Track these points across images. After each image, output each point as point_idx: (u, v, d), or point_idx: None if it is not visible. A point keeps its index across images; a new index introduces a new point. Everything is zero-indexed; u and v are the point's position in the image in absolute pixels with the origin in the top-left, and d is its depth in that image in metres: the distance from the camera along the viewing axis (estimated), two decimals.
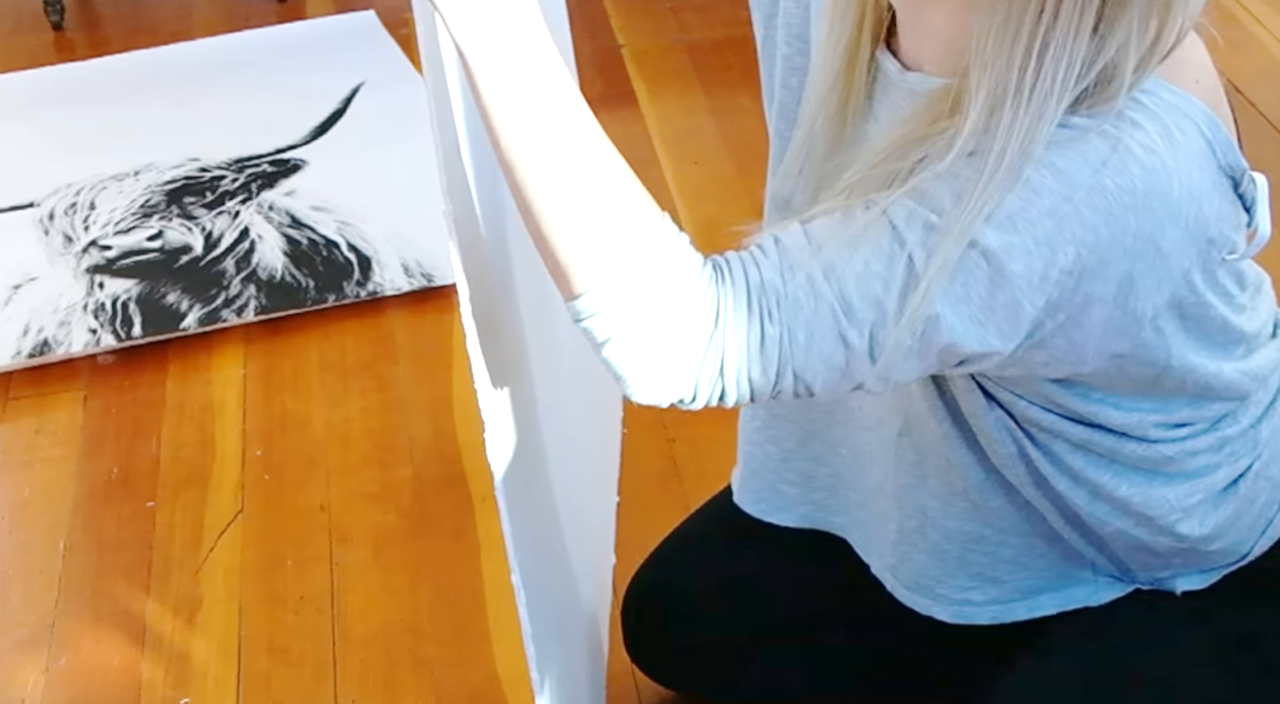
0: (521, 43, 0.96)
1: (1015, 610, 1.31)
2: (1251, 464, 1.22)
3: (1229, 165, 1.04)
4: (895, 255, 0.99)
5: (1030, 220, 0.99)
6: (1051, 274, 1.00)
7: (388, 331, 2.26)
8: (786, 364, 1.01)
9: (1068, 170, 0.98)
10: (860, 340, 1.00)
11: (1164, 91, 1.01)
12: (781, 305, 1.00)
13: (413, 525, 1.93)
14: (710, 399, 1.03)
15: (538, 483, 1.31)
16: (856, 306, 1.00)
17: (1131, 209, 0.99)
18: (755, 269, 1.01)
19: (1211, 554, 1.24)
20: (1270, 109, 2.50)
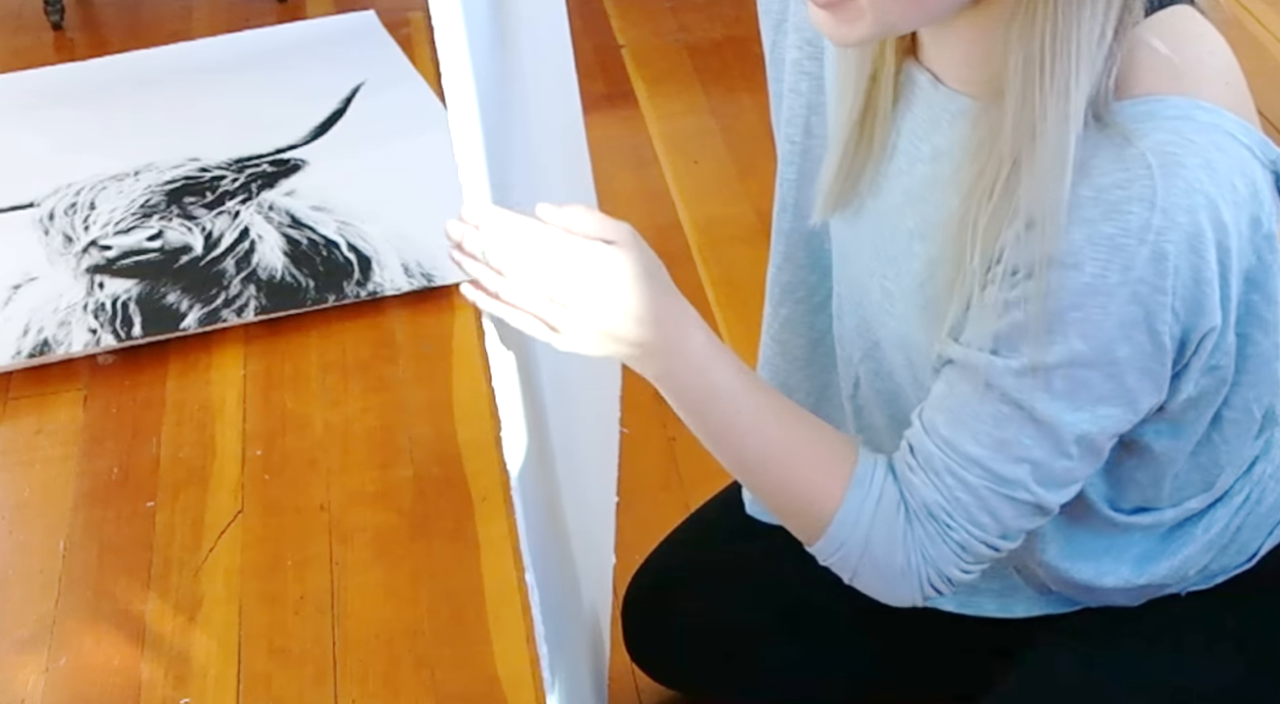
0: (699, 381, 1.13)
1: (1021, 604, 1.31)
2: (1265, 468, 1.22)
3: (1271, 161, 1.05)
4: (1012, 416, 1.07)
5: (1109, 314, 1.01)
6: (1163, 342, 1.03)
7: (388, 332, 2.26)
8: (992, 542, 1.12)
9: (1120, 254, 1.00)
10: (1029, 493, 1.09)
11: (1197, 112, 1.01)
12: (952, 513, 1.10)
13: (413, 525, 1.93)
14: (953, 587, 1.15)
15: (547, 483, 1.31)
16: (1007, 475, 1.08)
17: (1194, 249, 1.00)
18: (916, 492, 1.11)
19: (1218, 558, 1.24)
20: (1270, 109, 2.51)
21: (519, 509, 1.12)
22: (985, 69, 1.04)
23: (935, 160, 1.12)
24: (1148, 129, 1.00)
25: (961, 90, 1.10)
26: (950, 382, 1.09)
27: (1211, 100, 1.02)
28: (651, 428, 2.02)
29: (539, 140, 1.48)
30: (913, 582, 1.13)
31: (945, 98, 1.11)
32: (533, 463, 1.19)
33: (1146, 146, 0.99)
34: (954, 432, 1.09)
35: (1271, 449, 1.22)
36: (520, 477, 1.13)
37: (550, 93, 1.64)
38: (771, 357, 1.41)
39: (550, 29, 1.67)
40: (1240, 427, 1.16)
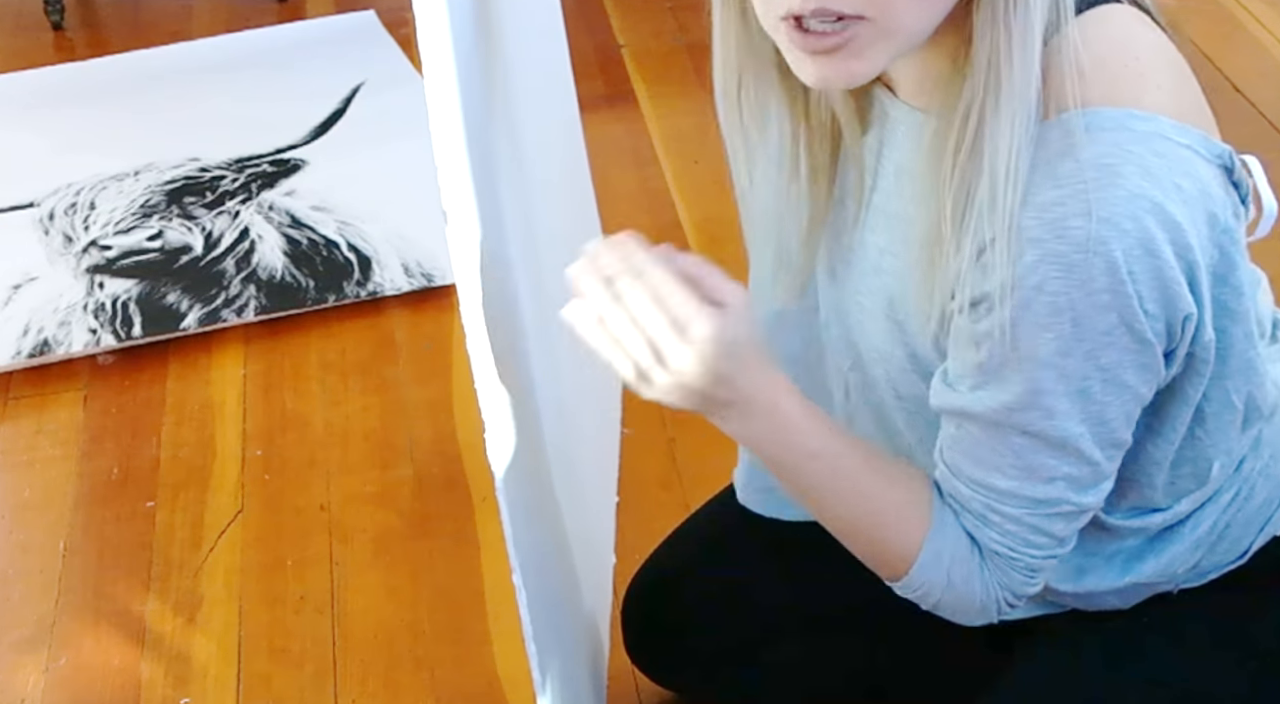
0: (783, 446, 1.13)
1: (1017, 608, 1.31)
2: (1254, 465, 1.22)
3: (1215, 155, 1.04)
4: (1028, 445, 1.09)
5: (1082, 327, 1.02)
6: (1147, 338, 1.04)
7: (388, 331, 2.26)
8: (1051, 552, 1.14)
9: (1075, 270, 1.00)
10: (1070, 504, 1.11)
11: (1132, 121, 1.01)
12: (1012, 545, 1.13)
13: (413, 525, 1.93)
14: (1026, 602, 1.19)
15: (539, 483, 1.31)
16: (1043, 497, 1.11)
17: (1148, 252, 1.00)
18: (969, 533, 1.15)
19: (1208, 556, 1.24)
20: (1270, 109, 2.50)
21: (504, 511, 1.12)
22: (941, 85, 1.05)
23: (897, 176, 1.14)
24: (1084, 142, 1.00)
25: (916, 103, 1.10)
26: (958, 424, 1.11)
27: (1145, 104, 1.02)
28: (651, 428, 2.02)
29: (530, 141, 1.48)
30: (990, 608, 1.16)
31: (903, 112, 1.12)
32: (520, 464, 1.19)
33: (1083, 161, 1.00)
34: (980, 470, 1.11)
35: (1260, 446, 1.22)
36: (506, 478, 1.13)
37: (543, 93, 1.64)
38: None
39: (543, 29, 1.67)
40: (1222, 419, 1.16)
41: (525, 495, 1.22)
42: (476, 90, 1.17)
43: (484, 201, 1.15)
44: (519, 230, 1.33)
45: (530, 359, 1.31)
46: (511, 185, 1.32)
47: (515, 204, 1.33)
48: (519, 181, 1.38)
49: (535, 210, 1.46)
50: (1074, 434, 1.07)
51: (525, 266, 1.34)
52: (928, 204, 1.06)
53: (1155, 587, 1.25)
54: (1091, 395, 1.05)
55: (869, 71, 1.03)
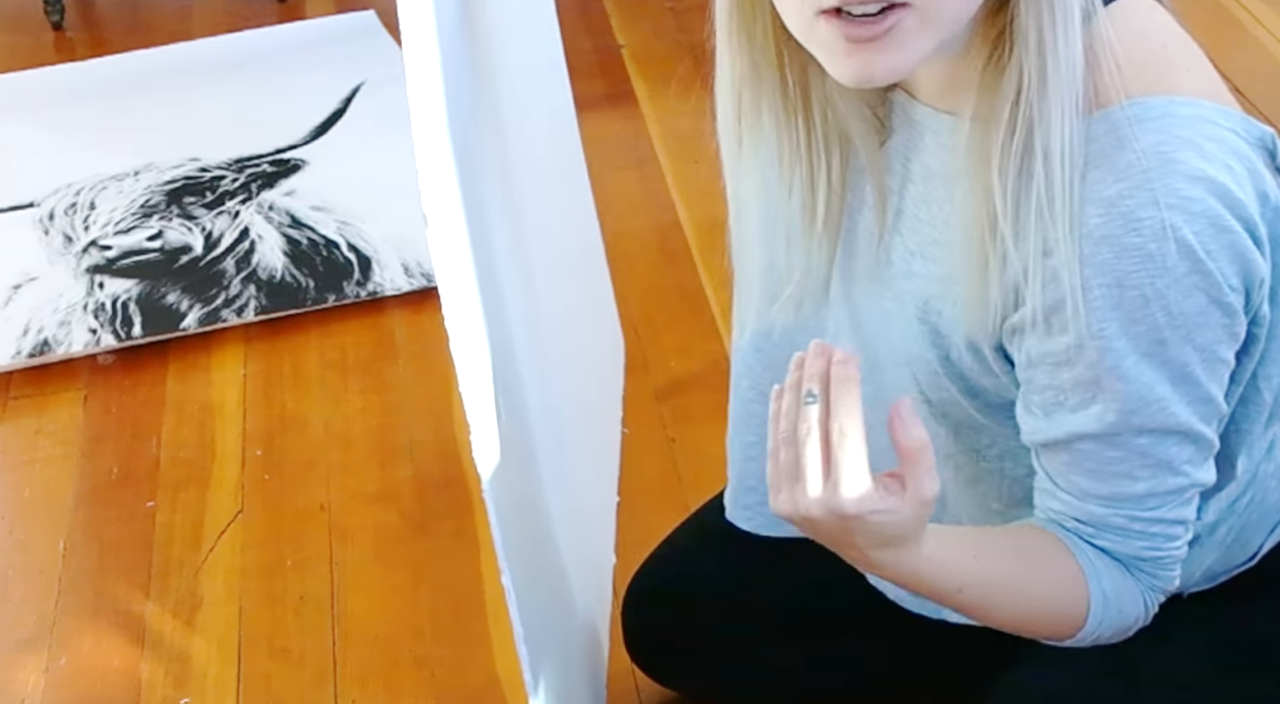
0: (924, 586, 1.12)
1: None
2: (1267, 466, 1.22)
3: (1257, 138, 1.06)
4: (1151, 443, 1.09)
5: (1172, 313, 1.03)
6: (1234, 308, 1.05)
7: (388, 331, 2.26)
8: (1186, 538, 1.14)
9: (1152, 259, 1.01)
10: (1192, 482, 1.12)
11: (1177, 107, 1.03)
12: (1159, 547, 1.13)
13: (413, 525, 1.93)
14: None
15: (527, 484, 1.31)
16: (1174, 486, 1.11)
17: (1218, 228, 1.02)
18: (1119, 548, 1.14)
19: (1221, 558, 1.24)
20: (1270, 109, 2.50)
21: (491, 513, 1.12)
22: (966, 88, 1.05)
23: (926, 180, 1.13)
24: (1134, 133, 1.01)
25: (940, 107, 1.10)
26: (1070, 447, 1.10)
27: (1183, 89, 1.04)
28: (651, 428, 2.02)
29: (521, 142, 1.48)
30: (1145, 615, 1.17)
31: (926, 116, 1.12)
32: (508, 466, 1.19)
33: (1139, 151, 1.01)
34: (1111, 485, 1.11)
35: (1274, 449, 1.22)
36: (492, 480, 1.13)
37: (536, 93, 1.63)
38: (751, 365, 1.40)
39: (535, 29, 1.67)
40: (1252, 406, 1.16)
41: (513, 497, 1.22)
42: (462, 92, 1.17)
43: (468, 203, 1.15)
44: (506, 231, 1.33)
45: (518, 360, 1.31)
46: (499, 186, 1.32)
47: (503, 205, 1.33)
48: (507, 182, 1.38)
49: (525, 210, 1.46)
50: (1187, 417, 1.08)
51: (514, 267, 1.34)
52: (972, 205, 1.06)
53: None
54: (1195, 377, 1.06)
55: (910, 63, 1.03)
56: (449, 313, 1.08)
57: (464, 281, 1.12)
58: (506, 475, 1.19)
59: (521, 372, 1.32)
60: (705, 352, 2.16)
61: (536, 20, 1.68)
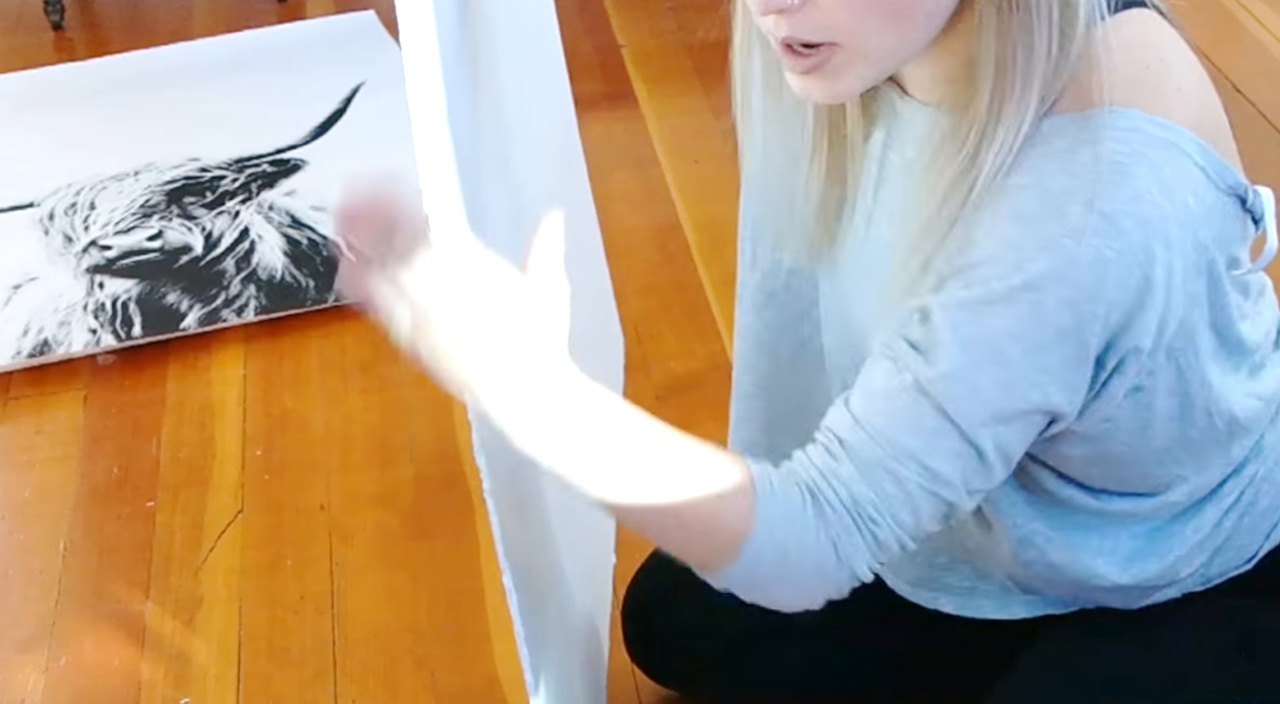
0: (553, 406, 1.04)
1: (1018, 604, 1.31)
2: (1257, 470, 1.22)
3: (1229, 186, 1.04)
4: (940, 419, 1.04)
5: (1041, 317, 1.01)
6: (1089, 354, 1.02)
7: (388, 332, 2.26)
8: (904, 539, 1.08)
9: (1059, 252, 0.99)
10: (954, 492, 1.06)
11: (1149, 126, 1.01)
12: (879, 507, 1.06)
13: (413, 525, 1.93)
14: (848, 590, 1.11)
15: (529, 484, 1.31)
16: (940, 471, 1.05)
17: (1139, 263, 1.00)
18: (841, 485, 1.06)
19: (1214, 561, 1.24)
20: (1270, 109, 2.50)
21: (493, 513, 1.12)
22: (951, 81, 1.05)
23: (907, 172, 1.13)
24: (1102, 138, 1.00)
25: (927, 101, 1.10)
26: (885, 375, 1.06)
27: (1167, 113, 1.02)
28: None
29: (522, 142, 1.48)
30: (820, 583, 1.10)
31: (913, 110, 1.12)
32: (509, 466, 1.19)
33: (1096, 155, 0.99)
34: (890, 422, 1.05)
35: (1263, 450, 1.21)
36: (494, 480, 1.13)
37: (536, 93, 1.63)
38: (754, 360, 1.41)
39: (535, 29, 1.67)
40: (1207, 438, 1.15)
41: (514, 497, 1.22)
42: (462, 92, 1.17)
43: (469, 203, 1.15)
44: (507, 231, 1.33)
45: None
46: (500, 186, 1.32)
47: (504, 205, 1.33)
48: (508, 182, 1.38)
49: (526, 210, 1.46)
50: (984, 428, 1.04)
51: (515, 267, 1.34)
52: (925, 199, 1.06)
53: (1160, 590, 1.25)
54: (1015, 391, 1.03)
55: (849, 90, 1.05)
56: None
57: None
58: (507, 476, 1.19)
59: None
60: (705, 352, 2.17)
61: (537, 20, 1.68)
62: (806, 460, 1.08)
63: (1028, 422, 1.05)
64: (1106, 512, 1.20)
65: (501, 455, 1.16)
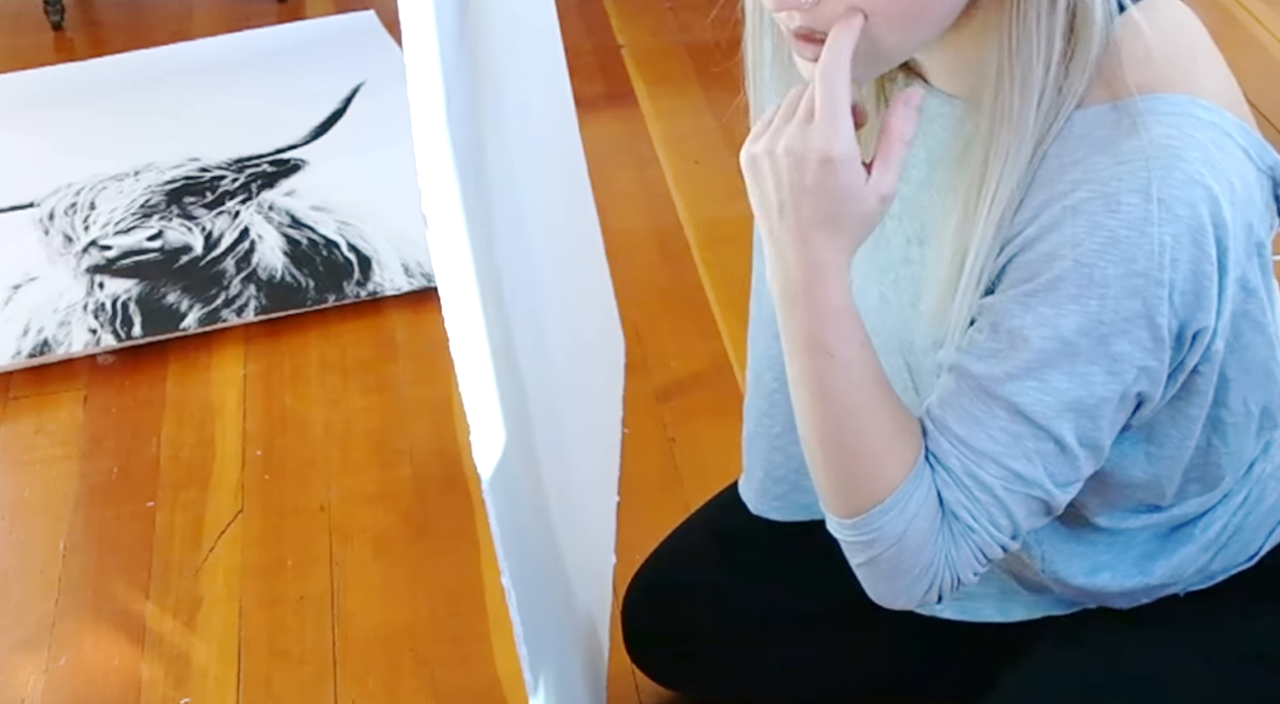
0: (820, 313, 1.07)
1: (1018, 606, 1.31)
2: (1264, 468, 1.22)
3: (1268, 166, 1.05)
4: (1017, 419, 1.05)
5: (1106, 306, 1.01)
6: (1163, 336, 1.02)
7: (388, 332, 2.26)
8: (1007, 542, 1.10)
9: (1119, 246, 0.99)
10: (1044, 489, 1.08)
11: (1195, 109, 1.01)
12: (975, 514, 1.08)
13: (413, 525, 1.93)
14: (954, 594, 1.13)
15: (528, 485, 1.31)
16: (1023, 472, 1.07)
17: (1195, 242, 1.00)
18: (941, 490, 1.09)
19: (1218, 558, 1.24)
20: (1270, 109, 2.51)
21: (492, 513, 1.12)
22: (972, 71, 1.05)
23: (930, 165, 1.13)
24: (1148, 122, 1.00)
25: (953, 93, 1.10)
26: (956, 382, 1.08)
27: (1205, 94, 1.02)
28: (651, 428, 2.02)
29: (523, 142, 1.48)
30: (924, 583, 1.11)
31: (938, 102, 1.11)
32: (509, 466, 1.19)
33: (1146, 140, 0.99)
34: (967, 429, 1.07)
35: (1271, 449, 1.22)
36: (493, 480, 1.13)
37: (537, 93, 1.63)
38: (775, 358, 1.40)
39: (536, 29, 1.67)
40: (1240, 428, 1.16)
41: (514, 497, 1.22)
42: (462, 92, 1.17)
43: (468, 203, 1.15)
44: (507, 231, 1.33)
45: (518, 360, 1.31)
46: (500, 186, 1.32)
47: (504, 205, 1.33)
48: (509, 182, 1.38)
49: (526, 210, 1.46)
50: (1061, 419, 1.05)
51: (515, 268, 1.34)
52: (954, 194, 1.06)
53: (1164, 588, 1.25)
54: (1092, 383, 1.04)
55: (858, 79, 1.05)
56: (449, 313, 1.08)
57: (464, 282, 1.12)
58: (507, 476, 1.19)
59: (522, 371, 1.32)
60: (705, 352, 2.17)
61: (537, 20, 1.68)
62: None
63: (1110, 409, 1.05)
64: (1124, 529, 1.20)
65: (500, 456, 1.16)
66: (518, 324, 1.33)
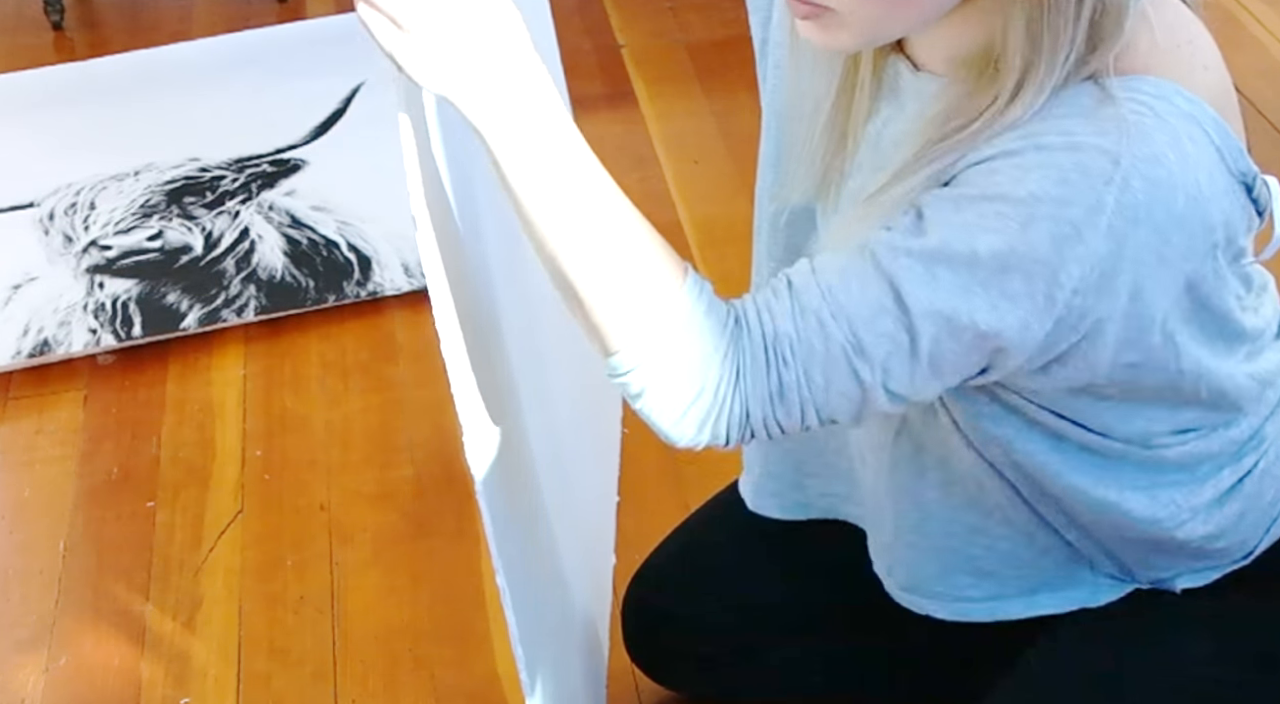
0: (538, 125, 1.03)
1: (1012, 607, 1.31)
2: (1258, 462, 1.22)
3: (1240, 171, 1.04)
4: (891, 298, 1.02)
5: (1026, 230, 0.99)
6: (1058, 295, 1.00)
7: (388, 332, 2.26)
8: (808, 404, 1.06)
9: (1064, 185, 0.98)
10: (872, 375, 1.04)
11: (1177, 98, 1.01)
12: (795, 351, 1.04)
13: (413, 525, 1.93)
14: (743, 440, 1.08)
15: (523, 484, 1.31)
16: (867, 343, 1.03)
17: (1134, 222, 0.99)
18: (770, 318, 1.05)
19: (1216, 552, 1.24)
20: (1270, 109, 2.50)
21: (485, 514, 1.12)
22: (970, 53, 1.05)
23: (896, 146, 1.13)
24: (1129, 97, 1.00)
25: (941, 73, 1.10)
26: (857, 246, 1.05)
27: (1192, 89, 1.02)
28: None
29: None
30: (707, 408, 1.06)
31: (924, 82, 1.11)
32: (501, 467, 1.19)
33: (1123, 113, 0.99)
34: (842, 282, 1.04)
35: (1264, 444, 1.21)
36: (485, 481, 1.13)
37: None
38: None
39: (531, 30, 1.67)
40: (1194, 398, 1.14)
41: (507, 498, 1.22)
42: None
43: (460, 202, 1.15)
44: (500, 230, 1.33)
45: (511, 361, 1.31)
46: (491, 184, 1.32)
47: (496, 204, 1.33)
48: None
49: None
50: (927, 318, 1.02)
51: (506, 268, 1.34)
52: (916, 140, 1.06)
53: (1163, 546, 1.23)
54: (973, 302, 1.01)
55: (843, 47, 1.07)
56: (438, 312, 1.08)
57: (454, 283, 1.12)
58: (500, 476, 1.19)
59: (515, 373, 1.32)
60: None
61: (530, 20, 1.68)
62: (748, 296, 1.08)
63: (970, 336, 1.03)
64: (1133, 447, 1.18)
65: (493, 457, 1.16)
66: (511, 323, 1.33)
